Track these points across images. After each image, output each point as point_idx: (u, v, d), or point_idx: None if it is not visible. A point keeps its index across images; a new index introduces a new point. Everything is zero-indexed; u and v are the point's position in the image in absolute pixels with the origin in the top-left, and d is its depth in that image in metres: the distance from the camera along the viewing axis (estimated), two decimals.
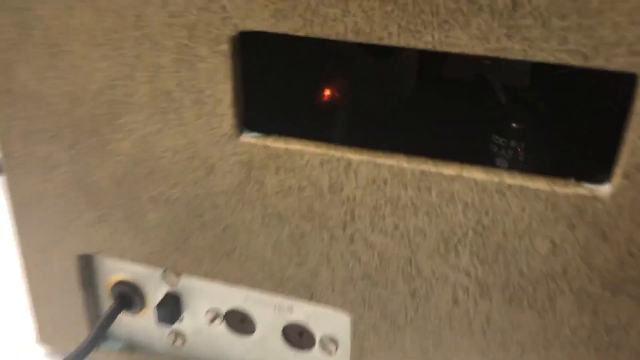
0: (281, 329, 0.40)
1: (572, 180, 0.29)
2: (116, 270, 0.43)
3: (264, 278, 0.37)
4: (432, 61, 0.49)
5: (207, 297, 0.41)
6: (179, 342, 0.44)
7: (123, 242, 0.39)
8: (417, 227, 0.32)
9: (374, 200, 0.32)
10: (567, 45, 0.26)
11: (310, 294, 0.36)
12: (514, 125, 0.43)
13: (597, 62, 0.26)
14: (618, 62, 0.26)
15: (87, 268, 0.42)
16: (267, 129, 0.34)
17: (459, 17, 0.27)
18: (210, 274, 0.38)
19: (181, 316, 0.43)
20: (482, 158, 0.43)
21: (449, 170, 0.30)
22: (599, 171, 0.29)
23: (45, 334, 0.46)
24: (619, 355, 0.31)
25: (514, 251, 0.31)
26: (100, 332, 0.42)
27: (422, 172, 0.31)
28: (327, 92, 0.42)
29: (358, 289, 0.35)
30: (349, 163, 0.32)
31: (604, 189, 0.28)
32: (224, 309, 0.41)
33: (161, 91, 0.33)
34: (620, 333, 0.31)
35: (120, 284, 0.43)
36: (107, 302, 0.44)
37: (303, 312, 0.39)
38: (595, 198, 0.29)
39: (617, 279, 0.30)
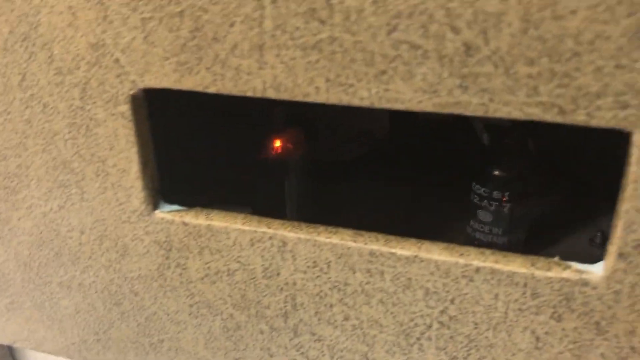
0: None
1: (557, 260, 0.23)
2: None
3: None
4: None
5: None
6: None
7: (38, 333, 0.33)
8: (371, 317, 0.26)
9: (317, 286, 0.26)
10: (538, 97, 0.20)
11: None
12: (496, 172, 0.38)
13: (578, 118, 0.20)
14: (604, 116, 0.20)
15: (14, 357, 0.37)
16: (191, 202, 0.28)
17: (399, 67, 0.21)
18: None
19: None
20: (462, 211, 0.38)
21: (404, 250, 0.24)
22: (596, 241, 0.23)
23: None
24: None
25: (489, 346, 0.25)
26: None
27: (372, 253, 0.25)
28: (277, 145, 0.36)
29: None
30: (284, 242, 0.26)
31: (596, 272, 0.23)
32: None
33: (58, 161, 0.28)
34: None
35: None
36: None
37: None
38: (585, 283, 0.23)
39: None
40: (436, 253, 0.24)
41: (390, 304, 0.26)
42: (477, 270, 0.24)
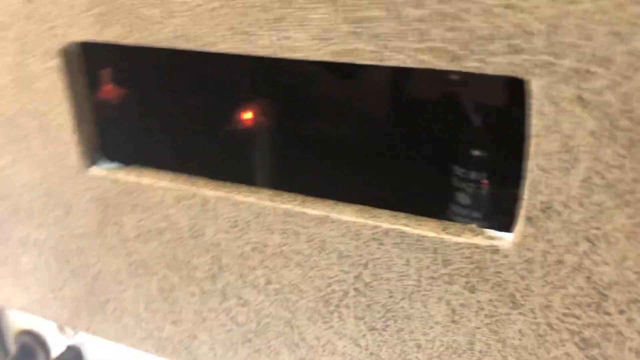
0: None
1: (473, 226, 0.22)
2: (22, 318, 0.38)
3: (144, 337, 0.31)
4: (395, 78, 0.43)
5: (111, 351, 0.36)
6: None
7: (5, 289, 0.35)
8: (291, 282, 0.25)
9: (239, 247, 0.26)
10: (430, 42, 0.19)
11: (193, 358, 0.30)
12: (477, 154, 0.36)
13: (471, 64, 0.19)
14: (498, 63, 0.19)
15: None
16: (122, 159, 0.28)
17: (295, 13, 0.21)
18: (91, 329, 0.33)
19: None
20: (441, 194, 0.36)
21: (316, 210, 0.23)
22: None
23: None
24: None
25: (406, 317, 0.24)
26: None
27: (286, 213, 0.24)
28: (245, 116, 0.36)
29: (240, 356, 0.28)
30: (206, 201, 0.26)
31: (507, 238, 0.21)
32: None
33: (6, 117, 0.29)
34: None
35: (24, 333, 0.38)
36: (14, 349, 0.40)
37: None
38: (495, 250, 0.21)
39: (537, 359, 0.22)
40: (347, 214, 0.23)
41: (308, 267, 0.25)
42: (386, 232, 0.22)
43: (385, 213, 0.23)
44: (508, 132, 0.37)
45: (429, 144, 0.38)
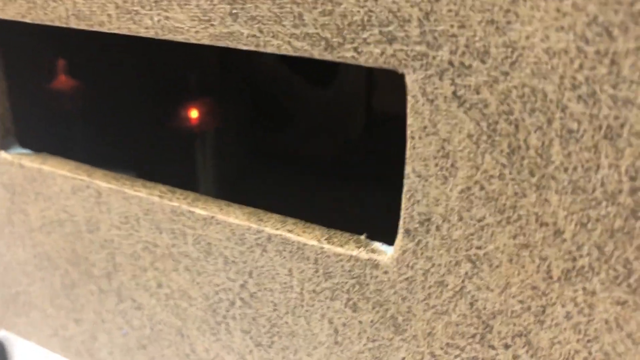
0: None
1: (361, 237, 0.20)
2: None
3: (50, 335, 0.29)
4: None
5: (34, 346, 0.34)
6: None
7: None
8: (180, 286, 0.24)
9: (131, 245, 0.24)
10: (305, 27, 0.17)
11: (91, 358, 0.28)
12: None
13: (346, 54, 0.17)
14: (372, 53, 0.17)
15: None
16: (35, 145, 0.27)
17: None
18: (4, 324, 0.31)
19: None
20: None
21: (203, 210, 0.22)
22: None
23: None
24: None
25: (291, 334, 0.21)
26: None
27: (173, 211, 0.22)
28: (189, 115, 0.34)
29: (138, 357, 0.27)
30: (99, 193, 0.24)
31: (388, 252, 0.19)
32: None
33: None
34: None
35: None
36: None
37: None
38: (375, 265, 0.19)
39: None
40: (233, 216, 0.21)
41: (196, 272, 0.23)
42: (269, 238, 0.20)
43: (274, 217, 0.21)
44: None
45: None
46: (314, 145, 0.41)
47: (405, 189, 0.17)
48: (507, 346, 0.18)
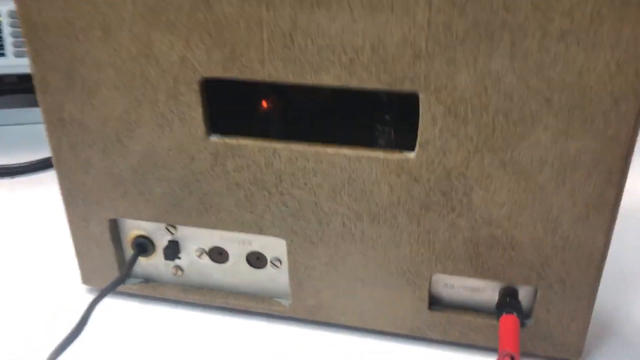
0: (245, 256, 0.63)
1: (398, 151, 0.53)
2: (134, 227, 0.65)
3: (231, 223, 0.60)
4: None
5: (195, 241, 0.64)
6: (179, 273, 0.67)
7: (139, 209, 0.62)
8: (317, 183, 0.55)
9: (291, 169, 0.55)
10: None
11: (260, 230, 0.59)
12: (387, 117, 0.67)
13: (396, 88, 0.49)
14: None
15: (115, 228, 0.65)
16: (226, 132, 0.56)
17: None
18: (197, 224, 0.61)
19: (179, 255, 0.66)
20: (370, 140, 0.66)
21: (331, 149, 0.53)
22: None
23: (87, 277, 0.68)
24: (435, 246, 0.55)
25: (371, 192, 0.54)
26: (127, 271, 0.64)
27: (316, 152, 0.54)
28: (264, 105, 0.64)
29: (288, 223, 0.58)
30: (275, 149, 0.54)
31: (412, 154, 0.52)
32: (207, 247, 0.64)
33: (159, 114, 0.55)
34: (433, 233, 0.54)
35: (138, 237, 0.65)
36: (129, 251, 0.67)
37: (257, 243, 0.62)
38: (407, 159, 0.52)
39: (426, 203, 0.53)
40: (346, 150, 0.53)
41: (326, 175, 0.54)
42: (362, 156, 0.53)
43: (362, 149, 0.53)
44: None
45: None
46: None
47: (419, 132, 0.50)
48: None
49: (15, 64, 1.06)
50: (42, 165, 0.95)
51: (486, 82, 0.46)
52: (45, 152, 0.97)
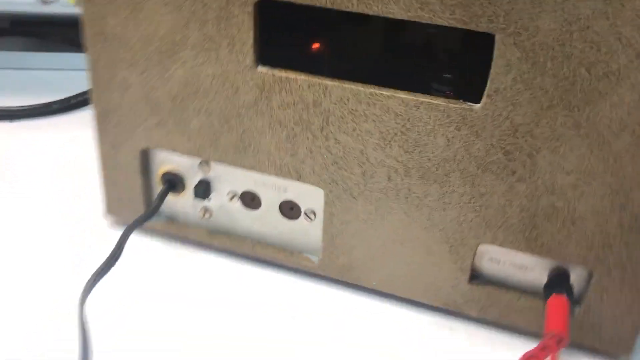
0: (278, 204, 0.60)
1: (461, 101, 0.48)
2: (165, 162, 0.62)
3: (269, 165, 0.56)
4: (395, 30, 0.67)
5: (228, 182, 0.60)
6: (207, 215, 0.63)
7: (174, 141, 0.58)
8: (366, 129, 0.51)
9: (341, 111, 0.51)
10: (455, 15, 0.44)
11: (299, 176, 0.55)
12: (446, 76, 0.62)
13: (471, 26, 0.44)
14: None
15: (145, 160, 0.61)
16: (274, 64, 0.52)
17: None
18: (233, 163, 0.57)
19: (210, 196, 0.62)
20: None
21: (387, 91, 0.49)
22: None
23: (112, 208, 0.65)
24: (487, 212, 0.50)
25: (425, 144, 0.50)
26: (156, 206, 0.61)
27: (371, 93, 0.49)
28: (314, 47, 0.60)
29: (329, 171, 0.54)
30: (326, 87, 0.50)
31: (477, 105, 0.47)
32: (239, 191, 0.60)
33: (207, 36, 0.52)
34: (487, 197, 0.50)
35: (168, 173, 0.62)
36: (157, 186, 0.63)
37: (293, 191, 0.58)
38: (472, 110, 0.47)
39: (485, 162, 0.49)
40: (402, 93, 0.49)
41: (378, 121, 0.50)
42: (421, 102, 0.48)
43: (419, 95, 0.48)
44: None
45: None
46: None
47: (489, 81, 0.45)
48: None
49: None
50: (43, 111, 0.91)
51: (572, 28, 0.41)
52: (42, 99, 0.91)
